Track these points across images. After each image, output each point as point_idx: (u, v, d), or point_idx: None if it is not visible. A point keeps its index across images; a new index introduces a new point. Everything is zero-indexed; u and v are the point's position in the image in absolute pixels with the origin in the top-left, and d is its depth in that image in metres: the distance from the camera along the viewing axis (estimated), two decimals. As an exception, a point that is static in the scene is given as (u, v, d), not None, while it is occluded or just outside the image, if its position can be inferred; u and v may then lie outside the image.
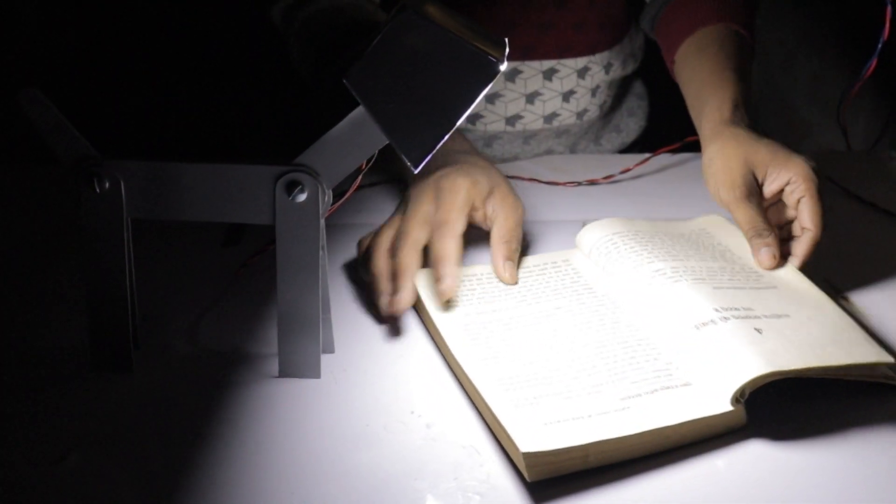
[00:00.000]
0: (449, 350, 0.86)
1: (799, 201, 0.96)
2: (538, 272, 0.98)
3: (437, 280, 0.92)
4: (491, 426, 0.79)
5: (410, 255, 0.93)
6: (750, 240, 0.95)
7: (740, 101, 1.06)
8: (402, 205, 1.00)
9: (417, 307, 0.94)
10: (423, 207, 0.97)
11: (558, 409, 0.78)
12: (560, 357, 0.85)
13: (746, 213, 0.96)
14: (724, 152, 0.99)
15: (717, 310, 0.85)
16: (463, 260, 0.97)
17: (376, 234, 0.97)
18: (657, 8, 1.25)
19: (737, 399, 0.78)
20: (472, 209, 0.99)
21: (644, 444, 0.76)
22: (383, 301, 0.92)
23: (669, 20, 1.22)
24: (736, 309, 0.86)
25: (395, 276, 0.93)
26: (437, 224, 0.95)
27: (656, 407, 0.78)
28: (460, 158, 1.02)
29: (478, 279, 0.97)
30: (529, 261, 1.00)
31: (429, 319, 0.91)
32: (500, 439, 0.77)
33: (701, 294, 0.88)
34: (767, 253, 0.94)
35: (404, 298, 0.92)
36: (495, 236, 0.98)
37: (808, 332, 0.84)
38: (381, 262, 0.94)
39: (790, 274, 0.95)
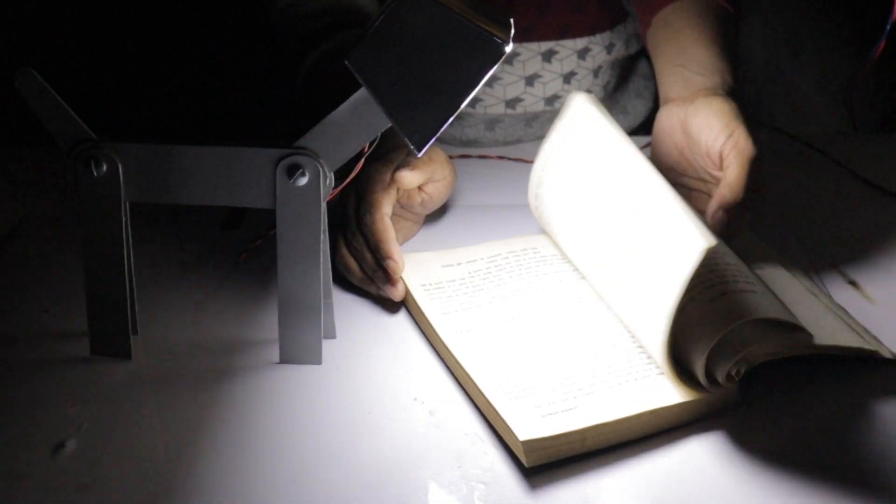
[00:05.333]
0: (444, 345, 0.85)
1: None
2: (501, 261, 0.96)
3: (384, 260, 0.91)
4: (487, 415, 0.79)
5: (374, 232, 0.92)
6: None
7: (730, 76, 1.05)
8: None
9: (407, 302, 0.93)
10: (350, 205, 0.96)
11: (554, 398, 0.78)
12: (550, 346, 0.84)
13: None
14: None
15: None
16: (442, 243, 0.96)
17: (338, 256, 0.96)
18: None
19: (730, 377, 0.78)
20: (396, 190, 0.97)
21: (641, 426, 0.77)
22: (382, 289, 0.92)
23: None
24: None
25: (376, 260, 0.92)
26: (364, 211, 0.93)
27: (651, 390, 0.79)
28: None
29: (465, 267, 0.95)
30: (493, 248, 0.98)
31: (418, 312, 0.90)
32: (497, 427, 0.77)
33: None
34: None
35: (392, 266, 0.90)
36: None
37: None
38: (353, 266, 0.94)
39: (778, 270, 0.94)
